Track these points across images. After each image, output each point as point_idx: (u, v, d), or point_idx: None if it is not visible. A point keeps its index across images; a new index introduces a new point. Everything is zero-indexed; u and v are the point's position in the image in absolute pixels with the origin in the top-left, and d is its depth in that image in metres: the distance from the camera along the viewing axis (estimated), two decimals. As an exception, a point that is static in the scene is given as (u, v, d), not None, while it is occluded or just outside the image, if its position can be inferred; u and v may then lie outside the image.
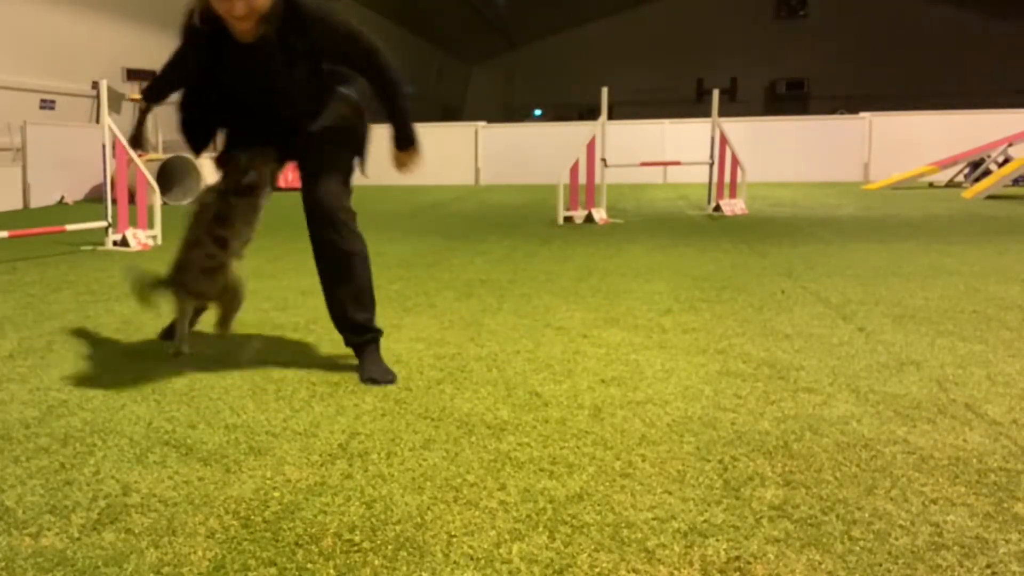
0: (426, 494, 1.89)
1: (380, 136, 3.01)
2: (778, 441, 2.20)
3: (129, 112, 16.41)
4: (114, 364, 3.08)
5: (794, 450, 2.14)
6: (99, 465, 2.08)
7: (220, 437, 2.27)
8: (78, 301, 4.38)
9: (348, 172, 2.98)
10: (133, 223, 7.02)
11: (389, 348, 3.25)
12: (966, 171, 14.23)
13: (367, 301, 2.94)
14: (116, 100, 15.60)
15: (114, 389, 2.75)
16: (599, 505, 1.82)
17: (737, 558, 1.58)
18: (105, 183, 6.81)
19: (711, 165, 9.45)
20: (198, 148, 3.08)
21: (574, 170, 8.59)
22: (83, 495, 1.90)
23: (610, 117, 9.09)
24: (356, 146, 3.01)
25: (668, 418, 2.40)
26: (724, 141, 9.35)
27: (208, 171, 14.30)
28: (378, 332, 2.97)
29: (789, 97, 28.16)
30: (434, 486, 1.93)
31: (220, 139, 3.15)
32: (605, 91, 8.60)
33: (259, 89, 2.86)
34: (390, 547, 1.64)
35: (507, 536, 1.68)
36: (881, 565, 1.55)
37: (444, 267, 5.48)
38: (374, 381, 2.79)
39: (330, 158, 2.97)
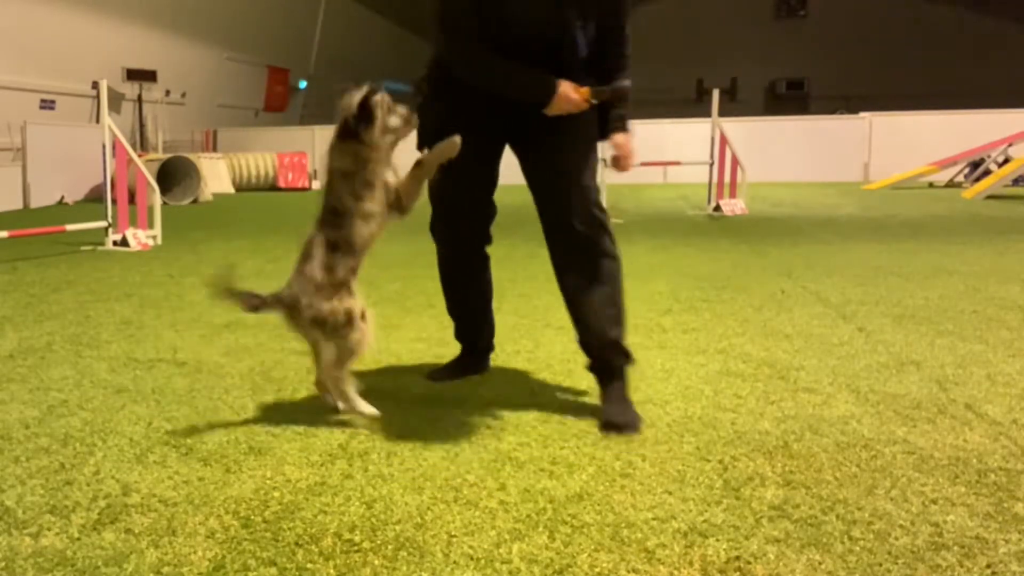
0: (426, 494, 1.89)
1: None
2: (778, 441, 2.20)
3: (129, 112, 16.43)
4: (114, 364, 3.08)
5: (794, 450, 2.14)
6: (99, 465, 2.08)
7: (220, 437, 2.27)
8: (78, 301, 4.38)
9: (596, 159, 2.59)
10: (133, 223, 7.02)
11: (389, 348, 3.25)
12: (966, 171, 14.23)
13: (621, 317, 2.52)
14: (116, 100, 15.60)
15: (114, 389, 2.75)
16: (599, 505, 1.82)
17: (737, 558, 1.58)
18: (105, 183, 6.81)
19: (711, 165, 9.45)
20: None
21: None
22: (83, 495, 1.90)
23: (610, 117, 9.07)
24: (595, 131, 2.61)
25: (668, 418, 2.40)
26: (724, 141, 9.35)
27: (208, 171, 14.32)
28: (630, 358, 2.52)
29: (789, 97, 28.15)
30: (434, 486, 1.93)
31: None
32: (605, 91, 8.58)
33: (517, 37, 2.41)
34: (390, 547, 1.64)
35: (507, 536, 1.68)
36: (881, 565, 1.55)
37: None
38: (615, 428, 2.31)
39: (577, 129, 2.53)
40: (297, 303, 2.30)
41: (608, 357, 2.48)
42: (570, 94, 2.39)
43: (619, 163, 2.65)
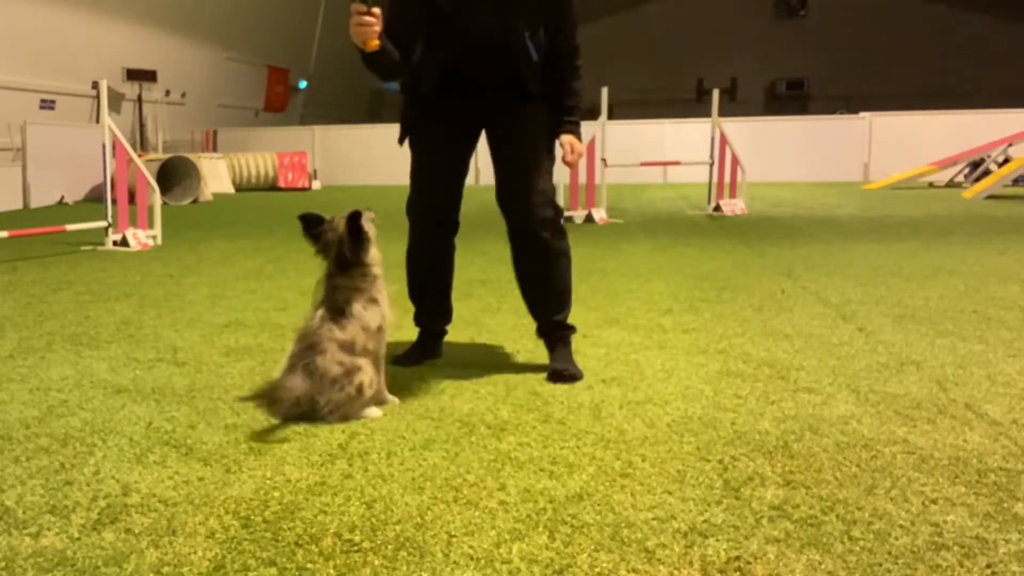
0: (426, 494, 1.89)
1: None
2: (778, 441, 2.20)
3: (129, 112, 16.43)
4: (114, 364, 3.08)
5: (794, 450, 2.14)
6: (99, 465, 2.08)
7: (220, 437, 2.27)
8: (78, 301, 4.38)
9: (551, 160, 2.88)
10: (133, 223, 7.02)
11: (389, 348, 3.25)
12: (966, 171, 14.24)
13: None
14: (116, 100, 15.60)
15: (114, 389, 2.75)
16: (599, 505, 1.82)
17: (737, 558, 1.58)
18: (105, 183, 6.81)
19: (711, 165, 9.45)
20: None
21: (574, 170, 8.59)
22: (83, 495, 1.90)
23: (610, 117, 9.10)
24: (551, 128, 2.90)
25: (668, 418, 2.40)
26: (724, 141, 9.35)
27: (208, 171, 14.32)
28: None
29: (789, 97, 28.15)
30: (434, 486, 1.93)
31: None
32: (605, 91, 8.60)
33: (474, 41, 2.74)
34: (390, 547, 1.64)
35: (507, 536, 1.68)
36: (881, 565, 1.55)
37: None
38: (562, 377, 2.79)
39: (540, 137, 2.86)
40: (315, 403, 2.34)
41: (554, 331, 2.95)
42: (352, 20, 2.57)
43: (565, 160, 2.91)
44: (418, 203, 2.96)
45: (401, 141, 2.98)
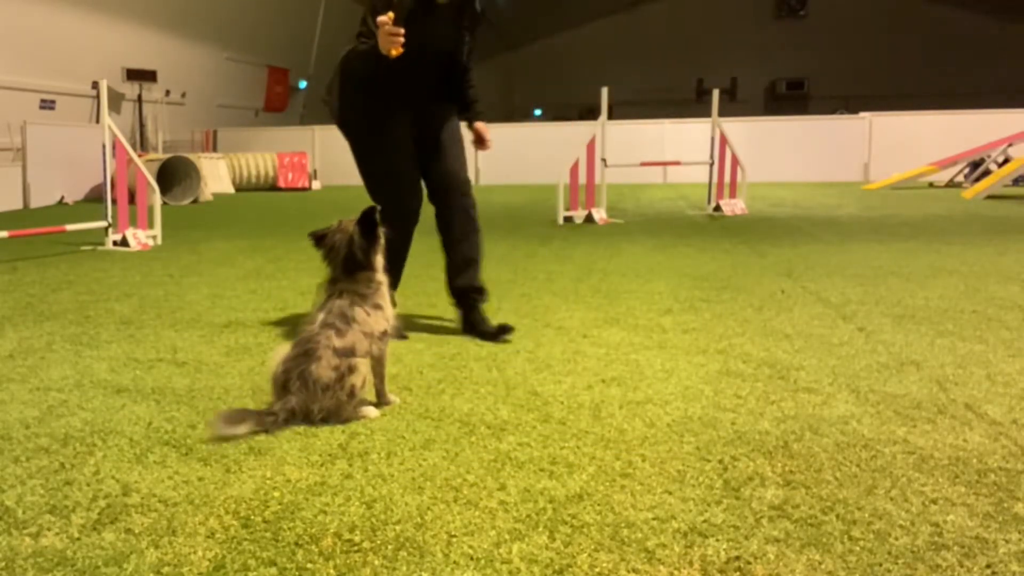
0: (426, 494, 1.89)
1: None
2: (778, 441, 2.20)
3: (129, 112, 16.42)
4: (114, 364, 3.08)
5: (794, 450, 2.14)
6: (99, 465, 2.08)
7: (220, 437, 2.27)
8: (78, 301, 4.38)
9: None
10: (133, 223, 7.02)
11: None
12: (966, 171, 14.23)
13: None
14: (116, 100, 15.60)
15: (114, 389, 2.75)
16: (599, 505, 1.82)
17: (737, 558, 1.58)
18: (105, 183, 6.81)
19: (711, 165, 9.45)
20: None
21: (574, 170, 8.60)
22: (83, 495, 1.90)
23: (610, 117, 9.09)
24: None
25: (668, 418, 2.40)
26: (724, 141, 9.35)
27: (208, 171, 14.32)
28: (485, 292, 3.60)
29: (789, 97, 28.15)
30: (434, 486, 1.93)
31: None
32: (605, 91, 8.60)
33: (432, 49, 3.31)
34: (390, 547, 1.64)
35: (507, 536, 1.68)
36: (881, 565, 1.55)
37: (443, 267, 5.46)
38: (504, 331, 3.38)
39: (459, 133, 3.56)
40: (309, 412, 2.34)
41: (475, 296, 3.52)
42: (383, 32, 3.04)
43: (482, 144, 3.63)
44: (401, 206, 3.37)
45: (348, 135, 3.48)
